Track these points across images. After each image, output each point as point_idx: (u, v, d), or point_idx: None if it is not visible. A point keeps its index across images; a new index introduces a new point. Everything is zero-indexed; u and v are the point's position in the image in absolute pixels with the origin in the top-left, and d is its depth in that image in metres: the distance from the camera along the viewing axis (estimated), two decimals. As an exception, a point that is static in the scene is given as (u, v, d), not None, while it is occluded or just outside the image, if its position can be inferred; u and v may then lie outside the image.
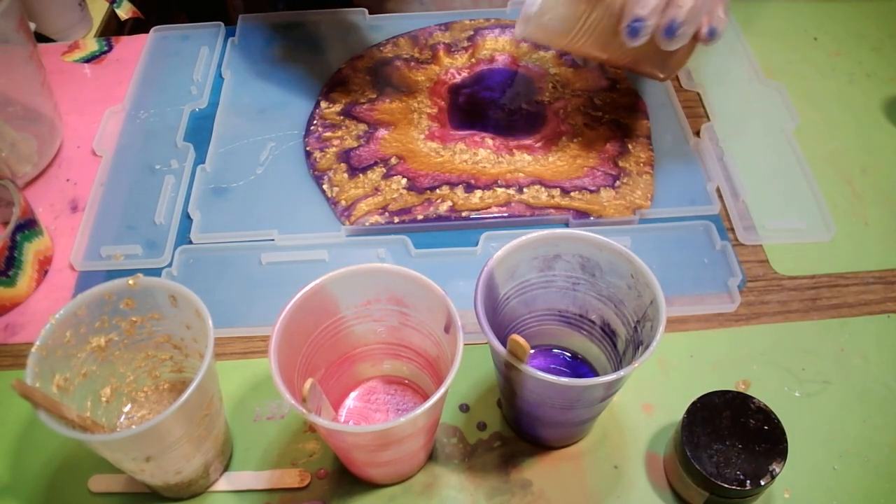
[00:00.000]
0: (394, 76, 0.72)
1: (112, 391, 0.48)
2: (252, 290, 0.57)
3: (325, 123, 0.68)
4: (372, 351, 0.49)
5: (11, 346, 0.55)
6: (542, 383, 0.40)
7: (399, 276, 0.44)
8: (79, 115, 0.71)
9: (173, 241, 0.60)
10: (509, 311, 0.48)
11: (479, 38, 0.75)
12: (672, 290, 0.56)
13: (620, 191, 0.62)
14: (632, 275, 0.44)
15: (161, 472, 0.43)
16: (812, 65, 0.74)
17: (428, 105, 0.69)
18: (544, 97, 0.70)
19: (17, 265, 0.56)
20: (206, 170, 0.65)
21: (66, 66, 0.75)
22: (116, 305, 0.45)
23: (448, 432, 0.50)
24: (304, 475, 0.48)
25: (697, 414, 0.44)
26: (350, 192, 0.62)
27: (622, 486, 0.48)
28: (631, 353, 0.45)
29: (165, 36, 0.78)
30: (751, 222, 0.61)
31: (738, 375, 0.52)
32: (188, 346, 0.48)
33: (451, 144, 0.66)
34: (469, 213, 0.61)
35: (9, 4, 0.59)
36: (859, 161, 0.65)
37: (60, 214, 0.63)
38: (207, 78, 0.73)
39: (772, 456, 0.43)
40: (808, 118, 0.69)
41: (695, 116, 0.69)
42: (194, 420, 0.41)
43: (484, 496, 0.47)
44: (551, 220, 0.61)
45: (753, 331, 0.55)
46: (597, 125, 0.67)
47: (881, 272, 0.58)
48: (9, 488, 0.48)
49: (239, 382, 0.53)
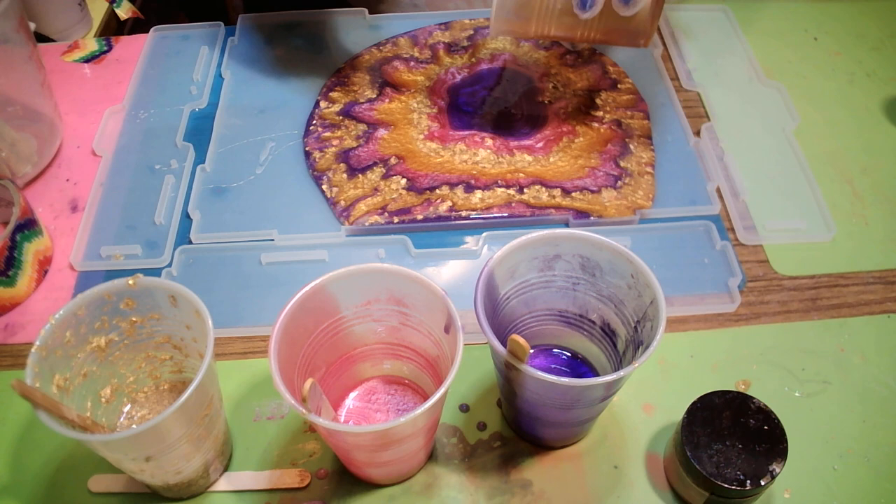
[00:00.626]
0: (393, 76, 0.72)
1: (112, 391, 0.48)
2: (252, 290, 0.57)
3: (325, 123, 0.68)
4: (372, 351, 0.49)
5: (11, 346, 0.55)
6: (542, 383, 0.40)
7: (399, 276, 0.44)
8: (79, 115, 0.71)
9: (173, 241, 0.60)
10: (509, 311, 0.48)
11: (479, 38, 0.75)
12: (672, 290, 0.56)
13: (622, 191, 0.62)
14: (632, 275, 0.44)
15: (161, 472, 0.43)
16: (812, 65, 0.74)
17: (427, 105, 0.69)
18: (545, 98, 0.70)
19: (17, 265, 0.56)
20: (205, 170, 0.65)
21: (66, 66, 0.75)
22: (116, 305, 0.45)
23: (448, 432, 0.50)
24: (304, 475, 0.48)
25: (697, 414, 0.44)
26: (349, 192, 0.62)
27: (622, 486, 0.48)
28: (631, 353, 0.45)
29: (165, 36, 0.78)
30: (751, 222, 0.61)
31: (738, 375, 0.52)
32: (188, 346, 0.48)
33: (450, 145, 0.65)
34: (469, 214, 0.61)
35: (9, 4, 0.59)
36: (859, 161, 0.65)
37: (60, 214, 0.63)
38: (207, 78, 0.73)
39: (772, 456, 0.43)
40: (808, 118, 0.69)
41: (695, 116, 0.69)
42: (194, 420, 0.41)
43: (484, 496, 0.47)
44: (551, 220, 0.61)
45: (753, 331, 0.55)
46: (598, 125, 0.67)
47: (881, 272, 0.58)
48: (9, 488, 0.48)
49: (239, 382, 0.53)
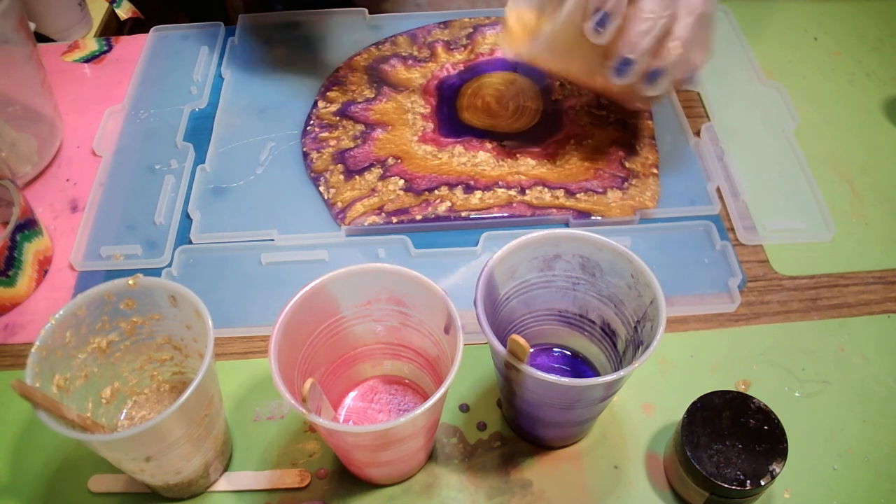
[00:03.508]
0: (390, 75, 0.71)
1: (113, 392, 0.48)
2: (252, 290, 0.57)
3: (322, 123, 0.67)
4: (372, 351, 0.49)
5: (11, 346, 0.55)
6: (542, 383, 0.40)
7: (399, 276, 0.44)
8: (79, 115, 0.71)
9: (173, 241, 0.60)
10: (509, 311, 0.48)
11: (479, 35, 0.74)
12: (672, 290, 0.56)
13: (629, 192, 0.61)
14: (632, 275, 0.44)
15: (161, 472, 0.43)
16: (812, 65, 0.74)
17: (421, 105, 0.68)
18: (557, 95, 0.68)
19: (17, 265, 0.56)
20: (205, 170, 0.65)
21: (66, 66, 0.75)
22: (116, 306, 0.45)
23: (448, 432, 0.50)
24: (304, 475, 0.48)
25: (697, 414, 0.44)
26: (346, 194, 0.62)
27: (622, 486, 0.48)
28: (631, 353, 0.45)
29: (165, 36, 0.78)
30: (751, 222, 0.61)
31: (738, 375, 0.52)
32: (188, 346, 0.48)
33: (448, 148, 0.64)
34: (468, 213, 0.60)
35: (9, 4, 0.59)
36: (859, 161, 0.65)
37: (60, 214, 0.63)
38: (207, 78, 0.73)
39: (772, 456, 0.43)
40: (808, 118, 0.68)
41: (695, 116, 0.69)
42: (194, 420, 0.41)
43: (484, 496, 0.47)
44: (551, 220, 0.61)
45: (753, 331, 0.55)
46: (604, 125, 0.66)
47: (881, 272, 0.58)
48: (9, 488, 0.48)
49: (239, 382, 0.53)
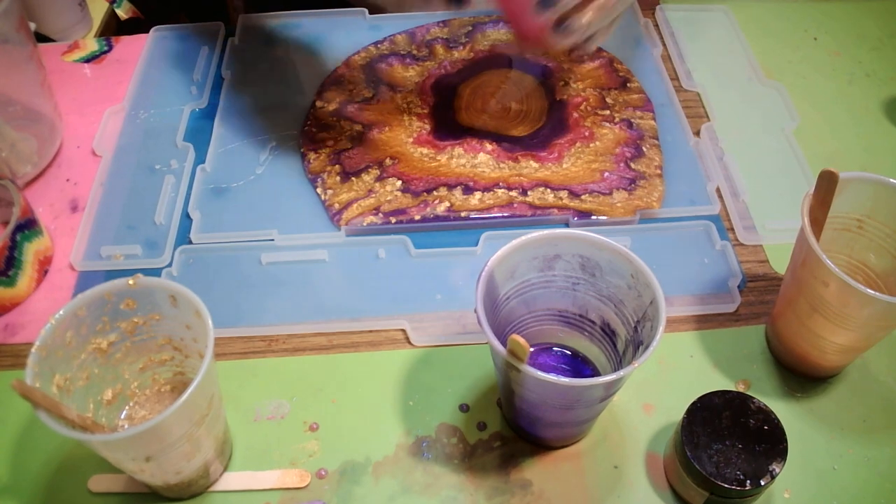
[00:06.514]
0: (388, 73, 0.70)
1: (113, 393, 0.48)
2: (252, 290, 0.57)
3: (319, 123, 0.67)
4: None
5: (11, 346, 0.55)
6: (542, 383, 0.40)
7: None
8: (79, 115, 0.71)
9: (173, 241, 0.60)
10: (509, 311, 0.48)
11: (479, 33, 0.73)
12: (672, 290, 0.56)
13: (635, 193, 0.61)
14: (632, 275, 0.44)
15: (161, 472, 0.43)
16: (812, 65, 0.74)
17: (418, 105, 0.67)
18: (561, 95, 0.67)
19: (17, 265, 0.56)
20: (205, 170, 0.65)
21: (66, 66, 0.75)
22: (117, 306, 0.45)
23: (448, 432, 0.50)
24: (304, 475, 0.48)
25: (697, 414, 0.44)
26: (343, 195, 0.61)
27: (622, 486, 0.48)
28: (631, 353, 0.45)
29: (165, 36, 0.78)
30: (751, 222, 0.61)
31: (738, 375, 0.52)
32: (188, 346, 0.48)
33: (446, 150, 0.64)
34: (468, 214, 0.60)
35: (9, 4, 0.59)
36: (859, 161, 0.65)
37: (60, 214, 0.63)
38: (207, 78, 0.73)
39: (772, 456, 0.43)
40: (808, 118, 0.68)
41: (695, 116, 0.69)
42: (194, 420, 0.41)
43: (484, 496, 0.47)
44: (552, 221, 0.61)
45: (753, 331, 0.55)
46: (610, 125, 0.66)
47: (881, 272, 0.58)
48: (9, 488, 0.48)
49: (239, 382, 0.53)
